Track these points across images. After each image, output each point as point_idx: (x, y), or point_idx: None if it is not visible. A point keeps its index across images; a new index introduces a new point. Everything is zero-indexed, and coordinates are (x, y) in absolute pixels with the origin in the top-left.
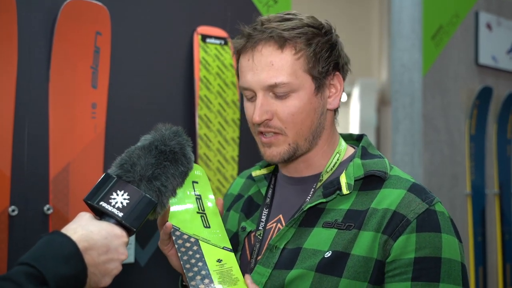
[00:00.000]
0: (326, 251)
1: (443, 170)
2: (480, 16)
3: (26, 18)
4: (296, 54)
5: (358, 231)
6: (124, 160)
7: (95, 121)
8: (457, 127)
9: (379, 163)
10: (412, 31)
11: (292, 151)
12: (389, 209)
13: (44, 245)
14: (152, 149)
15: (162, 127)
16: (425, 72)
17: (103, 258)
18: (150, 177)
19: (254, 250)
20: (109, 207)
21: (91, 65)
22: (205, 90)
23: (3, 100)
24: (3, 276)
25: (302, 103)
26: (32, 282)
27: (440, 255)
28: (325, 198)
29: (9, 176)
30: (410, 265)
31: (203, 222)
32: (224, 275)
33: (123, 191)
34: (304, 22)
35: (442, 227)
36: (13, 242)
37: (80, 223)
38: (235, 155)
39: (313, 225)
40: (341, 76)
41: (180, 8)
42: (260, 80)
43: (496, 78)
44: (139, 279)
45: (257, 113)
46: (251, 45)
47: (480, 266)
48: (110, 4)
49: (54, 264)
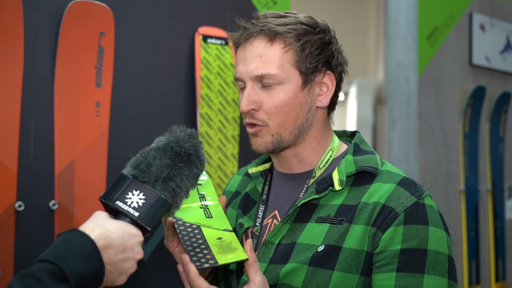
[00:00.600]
0: (319, 245)
1: (437, 167)
2: (474, 18)
3: (32, 18)
4: (284, 47)
5: (349, 225)
6: (139, 161)
7: (99, 119)
8: (451, 125)
9: (370, 159)
10: (408, 32)
11: (276, 142)
12: (378, 203)
13: (64, 243)
14: (168, 151)
15: (177, 129)
16: (421, 72)
17: (120, 257)
18: (166, 178)
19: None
20: (125, 207)
21: (95, 65)
22: (206, 89)
23: (9, 98)
24: (26, 273)
25: (287, 96)
26: (53, 279)
27: (426, 247)
28: (318, 194)
29: (16, 173)
30: (396, 256)
31: (206, 214)
32: (223, 247)
33: (139, 191)
34: (298, 20)
35: (430, 220)
36: (19, 236)
37: (97, 222)
38: (235, 152)
39: (307, 220)
40: (333, 75)
41: (182, 9)
42: (249, 71)
43: (489, 78)
44: (142, 273)
45: (244, 102)
46: (244, 37)
47: (473, 260)
48: (114, 5)
49: (74, 262)
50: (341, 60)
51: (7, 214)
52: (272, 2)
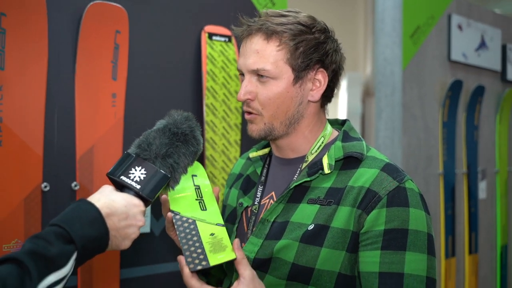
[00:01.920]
0: (310, 224)
1: (419, 152)
2: (452, 18)
3: (55, 18)
4: (279, 46)
5: (337, 206)
6: (141, 141)
7: (115, 109)
8: (432, 115)
9: (357, 145)
10: (393, 30)
11: (268, 130)
12: (363, 187)
13: (72, 210)
14: (166, 131)
15: (174, 112)
16: (405, 66)
17: (123, 224)
18: (164, 155)
19: (250, 222)
20: (128, 181)
21: (111, 60)
22: (211, 81)
23: (35, 90)
24: (37, 235)
25: (279, 90)
26: (60, 240)
27: (407, 227)
28: (309, 177)
29: (42, 157)
30: (380, 236)
31: (201, 206)
32: (215, 245)
33: (141, 167)
34: (297, 20)
35: (410, 202)
36: (45, 213)
37: (103, 194)
38: (237, 139)
39: (299, 201)
40: (326, 73)
41: (189, 9)
42: (247, 64)
43: (466, 73)
44: (154, 246)
45: (241, 92)
46: (247, 33)
47: (450, 235)
48: (129, 6)
49: (80, 226)
50: (336, 58)
51: (35, 193)
52: (271, 3)
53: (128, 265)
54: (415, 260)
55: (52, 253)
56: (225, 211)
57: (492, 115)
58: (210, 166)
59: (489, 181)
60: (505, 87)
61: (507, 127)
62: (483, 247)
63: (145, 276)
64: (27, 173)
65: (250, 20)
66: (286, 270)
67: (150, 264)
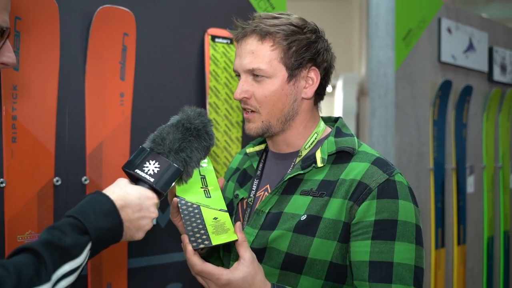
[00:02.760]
0: (302, 215)
1: (411, 149)
2: (442, 22)
3: (67, 22)
4: (273, 46)
5: (329, 198)
6: (155, 136)
7: (123, 107)
8: (423, 113)
9: (349, 141)
10: (386, 34)
11: (265, 128)
12: (355, 180)
13: (87, 202)
14: (179, 127)
15: (188, 108)
16: (397, 68)
17: (137, 215)
18: (177, 149)
19: (246, 213)
20: (143, 174)
21: (119, 61)
22: (214, 81)
23: (47, 90)
24: (53, 226)
25: (274, 88)
26: (75, 231)
27: (396, 218)
28: (303, 170)
29: (54, 153)
30: (371, 226)
31: (205, 194)
32: (217, 227)
33: (155, 160)
34: (289, 21)
35: (399, 194)
36: (57, 206)
37: (118, 186)
38: (239, 136)
39: (293, 193)
40: (318, 71)
41: (193, 13)
42: (242, 64)
43: (455, 73)
44: (160, 237)
45: (237, 91)
46: (241, 35)
47: (439, 227)
48: (136, 10)
49: (95, 218)
50: (328, 57)
51: (47, 187)
52: (271, 7)
53: (136, 255)
54: (404, 250)
55: (67, 243)
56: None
57: (479, 114)
58: (213, 161)
59: (476, 176)
60: (491, 87)
61: (494, 125)
62: (471, 238)
63: (151, 265)
64: (40, 168)
65: (244, 22)
66: (280, 260)
67: (156, 255)
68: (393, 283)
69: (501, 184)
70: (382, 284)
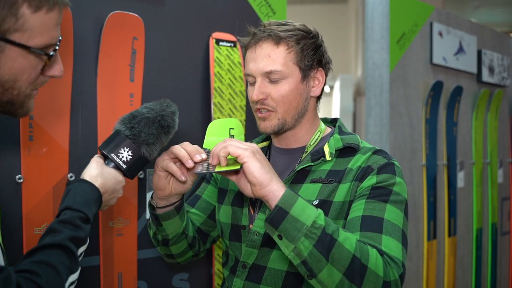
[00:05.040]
0: (314, 200)
1: (404, 146)
2: (433, 26)
3: (80, 26)
4: (288, 49)
5: (338, 184)
6: (133, 124)
7: (132, 107)
8: (416, 112)
9: (354, 138)
10: (381, 37)
11: (281, 125)
12: (361, 166)
13: (82, 192)
14: (155, 122)
15: (164, 103)
16: (392, 69)
17: (110, 197)
18: (150, 143)
19: (256, 205)
20: (117, 159)
21: (129, 63)
22: (218, 82)
23: (62, 91)
24: (64, 220)
25: (290, 88)
26: (85, 223)
27: (392, 188)
28: (313, 162)
29: (67, 150)
30: (368, 190)
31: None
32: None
33: (129, 149)
34: (296, 27)
35: (396, 173)
36: None
37: (98, 172)
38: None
39: (302, 182)
40: (323, 71)
41: (199, 18)
42: (259, 68)
43: (446, 74)
44: None
45: (255, 93)
46: (254, 41)
47: (432, 220)
48: (145, 16)
49: (93, 208)
50: (328, 58)
51: (62, 183)
52: (272, 12)
53: (145, 247)
54: (394, 212)
55: (83, 235)
56: (227, 194)
57: (469, 113)
58: None
59: (466, 171)
60: (480, 87)
61: (483, 123)
62: (461, 230)
63: (159, 256)
64: (55, 165)
65: (255, 30)
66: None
67: None
68: (384, 234)
69: (489, 179)
70: (372, 233)
